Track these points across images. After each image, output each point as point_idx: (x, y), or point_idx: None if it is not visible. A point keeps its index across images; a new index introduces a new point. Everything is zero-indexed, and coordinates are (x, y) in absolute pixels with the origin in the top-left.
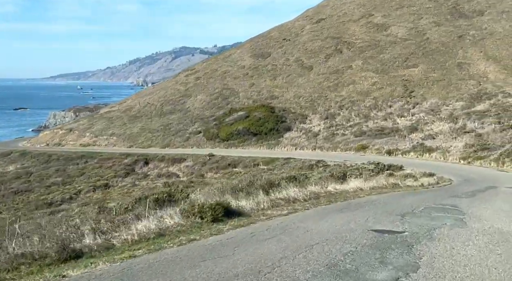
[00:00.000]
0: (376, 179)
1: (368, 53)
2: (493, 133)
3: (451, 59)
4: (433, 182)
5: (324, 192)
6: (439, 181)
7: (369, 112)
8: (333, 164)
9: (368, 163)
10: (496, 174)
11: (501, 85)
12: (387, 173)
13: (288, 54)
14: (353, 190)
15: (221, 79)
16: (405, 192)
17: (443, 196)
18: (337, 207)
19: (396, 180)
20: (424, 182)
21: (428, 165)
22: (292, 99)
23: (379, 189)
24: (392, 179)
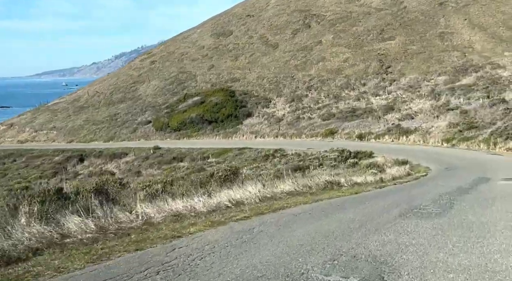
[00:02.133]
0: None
1: (339, 27)
2: (482, 109)
3: (432, 29)
4: (402, 173)
5: (221, 206)
6: (413, 171)
7: (340, 92)
8: (293, 153)
9: (331, 151)
10: (487, 159)
11: (488, 55)
12: (350, 163)
13: (252, 31)
14: (271, 196)
15: (178, 62)
16: (336, 202)
17: (393, 211)
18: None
19: (351, 174)
20: (387, 176)
21: (405, 150)
22: (255, 81)
23: (308, 194)
24: (349, 171)
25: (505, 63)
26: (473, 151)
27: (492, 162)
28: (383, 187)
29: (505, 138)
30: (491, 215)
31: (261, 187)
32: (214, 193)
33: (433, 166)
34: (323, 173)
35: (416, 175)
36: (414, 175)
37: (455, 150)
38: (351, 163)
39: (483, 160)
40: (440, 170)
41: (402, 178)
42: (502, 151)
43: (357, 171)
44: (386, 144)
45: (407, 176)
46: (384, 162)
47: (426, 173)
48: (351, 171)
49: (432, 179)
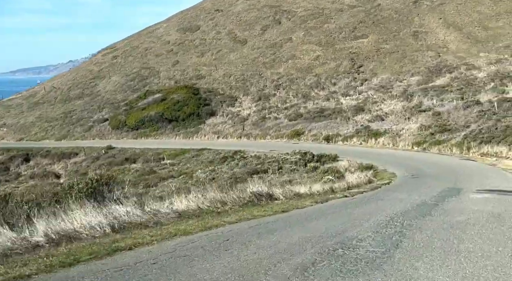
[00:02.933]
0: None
1: (310, 23)
2: (455, 111)
3: (406, 27)
4: (361, 181)
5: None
6: (376, 177)
7: (309, 92)
8: (253, 155)
9: (293, 153)
10: (459, 165)
11: (463, 56)
12: (310, 167)
13: (220, 27)
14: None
15: (141, 57)
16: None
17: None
18: None
19: (306, 180)
20: (343, 184)
21: (372, 153)
22: (221, 79)
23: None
24: (305, 177)
25: (480, 64)
26: (445, 156)
27: (465, 169)
28: (327, 201)
29: (479, 142)
30: (456, 266)
31: (133, 206)
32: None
33: (399, 172)
34: (280, 178)
35: (378, 183)
36: (375, 183)
37: (426, 154)
38: (311, 167)
39: (455, 166)
40: (406, 178)
41: (359, 186)
42: (476, 156)
43: (313, 177)
44: (354, 146)
45: (366, 184)
46: (347, 167)
47: (390, 181)
48: (307, 176)
49: (393, 189)
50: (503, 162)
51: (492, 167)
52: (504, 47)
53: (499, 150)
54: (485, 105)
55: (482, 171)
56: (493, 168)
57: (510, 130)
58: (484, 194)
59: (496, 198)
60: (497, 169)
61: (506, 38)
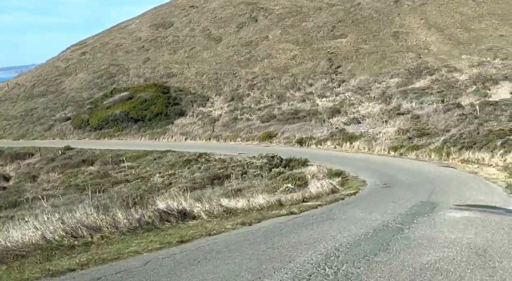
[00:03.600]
0: None
1: (288, 21)
2: (435, 115)
3: (386, 27)
4: (324, 190)
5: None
6: (343, 186)
7: (284, 92)
8: (218, 158)
9: (260, 157)
10: (437, 173)
11: (444, 57)
12: (275, 172)
13: (194, 24)
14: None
15: (110, 54)
16: None
17: None
18: None
19: (263, 187)
20: (301, 195)
21: (346, 158)
22: (193, 77)
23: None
24: (261, 184)
25: (462, 67)
26: (423, 162)
27: (443, 177)
28: (259, 222)
29: (460, 148)
30: None
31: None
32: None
33: (371, 179)
34: (242, 184)
35: (342, 193)
36: (339, 193)
37: (402, 160)
38: (276, 173)
39: (432, 173)
40: (376, 187)
41: (319, 198)
42: (456, 162)
43: (272, 184)
44: (328, 150)
45: (328, 194)
46: (315, 173)
47: (356, 191)
48: (264, 184)
49: (355, 203)
50: (485, 170)
51: (473, 175)
52: (487, 50)
53: (481, 157)
54: (467, 108)
55: (462, 180)
56: (474, 177)
57: (492, 135)
58: (464, 212)
59: (479, 219)
60: (478, 178)
61: (489, 40)
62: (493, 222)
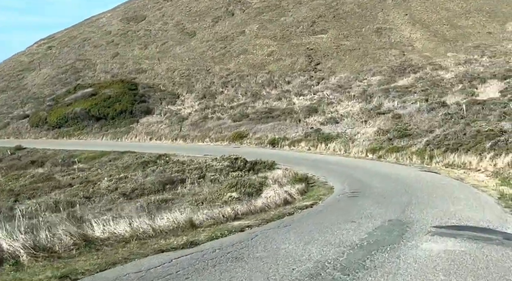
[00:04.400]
0: None
1: (266, 16)
2: (418, 114)
3: (369, 23)
4: (275, 201)
5: None
6: (302, 195)
7: (260, 90)
8: (178, 160)
9: (223, 159)
10: (418, 179)
11: (429, 55)
12: (232, 176)
13: (167, 17)
14: None
15: (78, 48)
16: None
17: None
18: None
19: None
20: (226, 213)
21: (319, 161)
22: (164, 74)
23: None
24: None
25: (447, 65)
26: (403, 166)
27: (424, 185)
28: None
29: (444, 150)
30: None
31: None
32: None
33: (339, 186)
34: (196, 188)
35: (296, 205)
36: (293, 205)
37: (380, 163)
38: (234, 177)
39: (412, 180)
40: (340, 198)
41: (264, 211)
42: (439, 167)
43: (216, 192)
44: (301, 152)
45: (277, 207)
46: (279, 178)
47: (314, 203)
48: (207, 192)
49: (298, 223)
50: (473, 176)
51: (459, 182)
52: (474, 47)
53: (468, 160)
54: (452, 107)
55: (447, 189)
56: (460, 184)
57: (481, 136)
58: (447, 241)
59: (469, 255)
60: (465, 185)
61: (476, 38)
62: (490, 263)
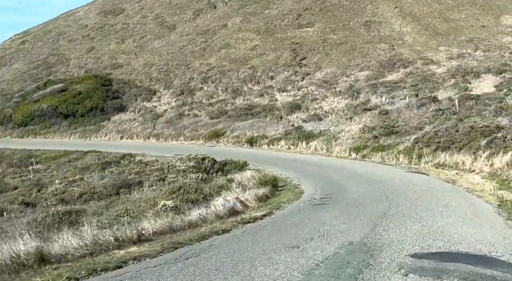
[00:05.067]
0: None
1: (249, 8)
2: (407, 110)
3: (357, 16)
4: (220, 211)
5: None
6: (268, 199)
7: (242, 86)
8: (142, 160)
9: (189, 159)
10: (402, 182)
11: (420, 49)
12: (190, 179)
13: (147, 10)
14: None
15: (52, 43)
16: None
17: None
18: None
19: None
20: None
21: (296, 161)
22: (141, 69)
23: None
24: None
25: (439, 59)
26: (388, 167)
27: (409, 189)
28: None
29: (434, 149)
30: None
31: None
32: None
33: (310, 191)
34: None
35: (244, 216)
36: (239, 216)
37: (363, 164)
38: (200, 179)
39: (395, 183)
40: (303, 206)
41: (190, 228)
42: (429, 167)
43: (151, 199)
44: (280, 152)
45: (216, 220)
46: (245, 180)
47: (268, 213)
48: (145, 197)
49: (221, 249)
50: (466, 178)
51: (450, 185)
52: (467, 41)
53: (461, 160)
54: (444, 103)
55: (435, 194)
56: (452, 188)
57: (475, 132)
58: None
59: None
60: (458, 189)
61: (469, 31)
62: None
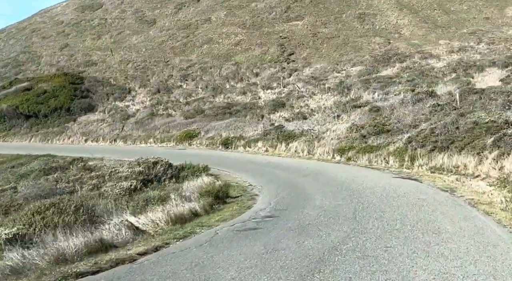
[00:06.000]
0: None
1: (235, 1)
2: (402, 107)
3: (350, 8)
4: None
5: None
6: (199, 216)
7: (224, 83)
8: (92, 164)
9: (137, 163)
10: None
11: (418, 43)
12: (129, 186)
13: (126, 5)
14: None
15: (25, 40)
16: None
17: None
18: None
19: None
20: None
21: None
22: (116, 66)
23: None
24: None
25: (439, 53)
26: (374, 171)
27: (390, 202)
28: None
29: (430, 150)
30: None
31: None
32: None
33: (262, 205)
34: None
35: (123, 252)
36: (101, 257)
37: (345, 168)
38: (126, 190)
39: (375, 194)
40: (228, 232)
41: None
42: (423, 171)
43: None
44: (256, 154)
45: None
46: (192, 190)
47: (163, 245)
48: None
49: None
50: (469, 185)
51: (448, 196)
52: (470, 34)
53: (462, 163)
54: (443, 98)
55: (424, 212)
56: (450, 201)
57: (479, 129)
58: None
59: None
60: (458, 202)
61: (472, 23)
62: None
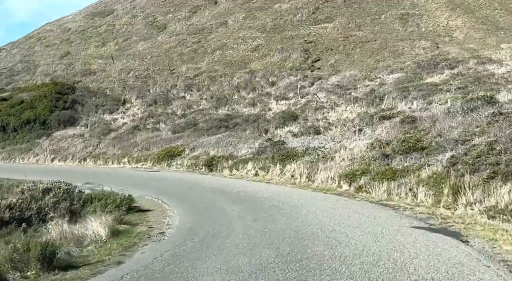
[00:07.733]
0: None
1: (256, 3)
2: (447, 118)
3: (391, 8)
4: None
5: None
6: None
7: (232, 94)
8: None
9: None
10: (390, 267)
11: (475, 47)
12: None
13: (138, 10)
14: None
15: (28, 49)
16: None
17: None
18: None
19: None
20: None
21: (238, 200)
22: (116, 75)
23: None
24: None
25: (501, 58)
26: (390, 213)
27: None
28: None
29: (488, 177)
30: None
31: None
32: None
33: None
34: None
35: None
36: None
37: (350, 205)
38: None
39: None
40: None
41: None
42: (472, 216)
43: None
44: (240, 179)
45: None
46: None
47: None
48: None
49: None
50: None
51: None
52: None
53: None
54: (506, 106)
55: None
56: None
57: None
58: None
59: None
60: None
61: None
62: None
